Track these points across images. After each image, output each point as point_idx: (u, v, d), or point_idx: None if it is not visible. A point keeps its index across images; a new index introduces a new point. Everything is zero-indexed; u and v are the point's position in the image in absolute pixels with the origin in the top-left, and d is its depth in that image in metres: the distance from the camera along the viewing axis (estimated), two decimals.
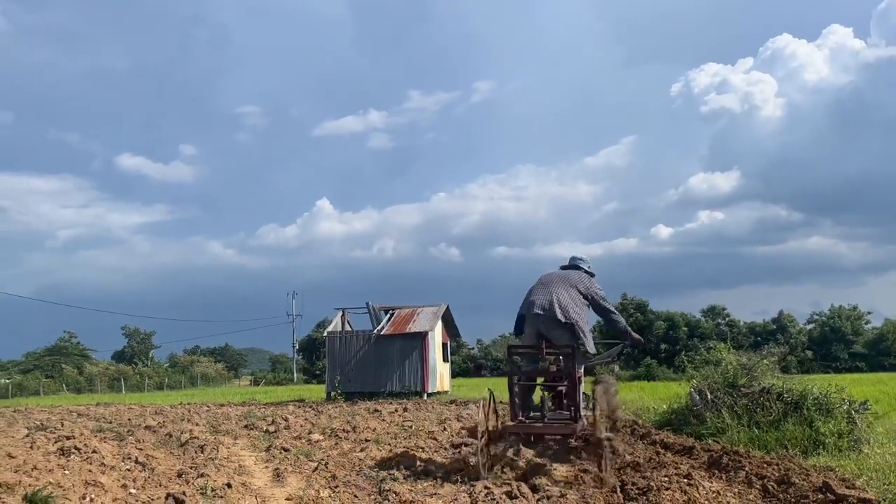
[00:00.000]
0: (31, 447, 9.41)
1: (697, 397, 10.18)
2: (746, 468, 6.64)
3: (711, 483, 6.14)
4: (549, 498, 5.91)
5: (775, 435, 8.50)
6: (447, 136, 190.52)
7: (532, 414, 7.20)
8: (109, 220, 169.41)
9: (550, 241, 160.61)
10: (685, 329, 45.98)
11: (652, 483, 5.97)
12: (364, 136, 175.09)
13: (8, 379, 51.82)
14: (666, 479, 6.19)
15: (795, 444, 8.12)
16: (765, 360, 10.46)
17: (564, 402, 7.10)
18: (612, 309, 7.52)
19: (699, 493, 5.67)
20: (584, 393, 7.29)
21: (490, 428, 7.03)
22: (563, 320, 6.98)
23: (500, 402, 7.78)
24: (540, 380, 7.47)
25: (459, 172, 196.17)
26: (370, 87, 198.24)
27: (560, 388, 7.12)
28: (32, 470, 7.32)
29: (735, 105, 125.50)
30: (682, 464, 7.16)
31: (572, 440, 7.20)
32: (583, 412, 7.11)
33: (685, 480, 6.10)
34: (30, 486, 6.44)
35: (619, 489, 6.15)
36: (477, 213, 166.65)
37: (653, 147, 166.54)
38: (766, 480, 6.14)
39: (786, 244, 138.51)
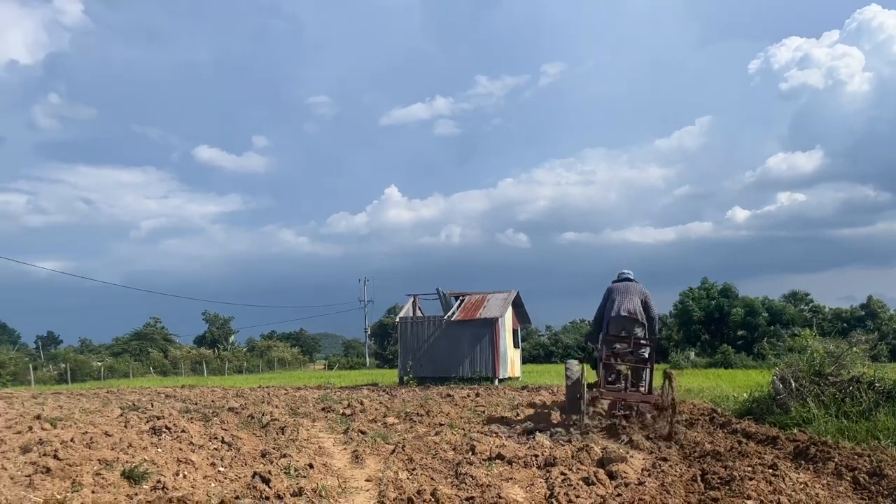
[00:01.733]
0: (125, 426, 9.96)
1: (781, 386, 9.83)
2: (836, 459, 6.39)
3: (798, 474, 5.94)
4: (626, 485, 5.85)
5: (866, 426, 8.13)
6: (514, 122, 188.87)
7: (613, 386, 9.57)
8: (188, 211, 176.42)
9: (620, 226, 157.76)
10: (765, 315, 44.13)
11: (735, 473, 5.82)
12: (431, 123, 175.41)
13: (100, 362, 54.81)
14: (749, 468, 6.02)
15: (888, 436, 7.73)
16: (854, 348, 10.01)
17: (632, 378, 9.54)
18: (657, 314, 10.18)
19: (785, 484, 5.49)
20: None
21: (588, 394, 9.19)
22: (641, 321, 9.82)
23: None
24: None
25: (526, 157, 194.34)
26: (437, 74, 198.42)
27: (633, 368, 9.54)
28: (128, 447, 7.75)
29: (818, 81, 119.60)
30: (766, 454, 6.95)
31: (645, 405, 9.35)
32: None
33: (770, 471, 5.92)
34: (127, 462, 6.83)
35: (699, 478, 6.02)
36: (544, 198, 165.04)
37: (729, 127, 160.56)
38: (856, 472, 5.90)
39: (874, 226, 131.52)
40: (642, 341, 9.59)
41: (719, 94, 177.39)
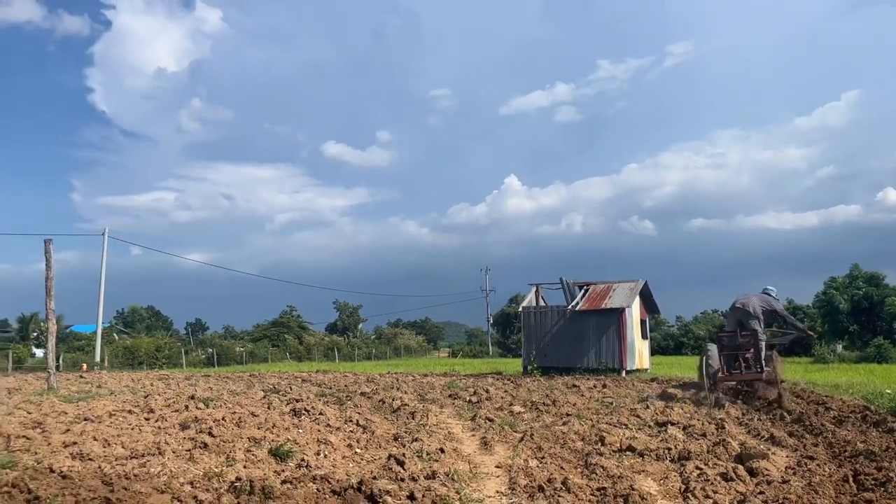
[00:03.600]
0: (268, 407, 10.64)
1: None
2: None
3: None
4: (769, 483, 5.57)
5: None
6: (638, 105, 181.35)
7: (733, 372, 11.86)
8: (318, 204, 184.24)
9: (754, 212, 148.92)
10: None
11: (892, 474, 5.41)
12: (551, 110, 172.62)
13: (242, 347, 58.80)
14: None
15: None
16: None
17: (750, 362, 11.75)
18: (786, 314, 12.81)
19: None
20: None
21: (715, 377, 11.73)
22: (755, 314, 12.04)
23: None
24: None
25: (652, 141, 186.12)
26: (557, 60, 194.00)
27: (748, 354, 11.82)
28: (273, 427, 8.29)
29: None
30: None
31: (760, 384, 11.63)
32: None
33: None
34: (272, 440, 7.32)
35: (850, 478, 5.64)
36: (671, 183, 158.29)
37: (880, 101, 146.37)
38: None
39: None
40: (756, 330, 11.81)
41: (868, 65, 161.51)
